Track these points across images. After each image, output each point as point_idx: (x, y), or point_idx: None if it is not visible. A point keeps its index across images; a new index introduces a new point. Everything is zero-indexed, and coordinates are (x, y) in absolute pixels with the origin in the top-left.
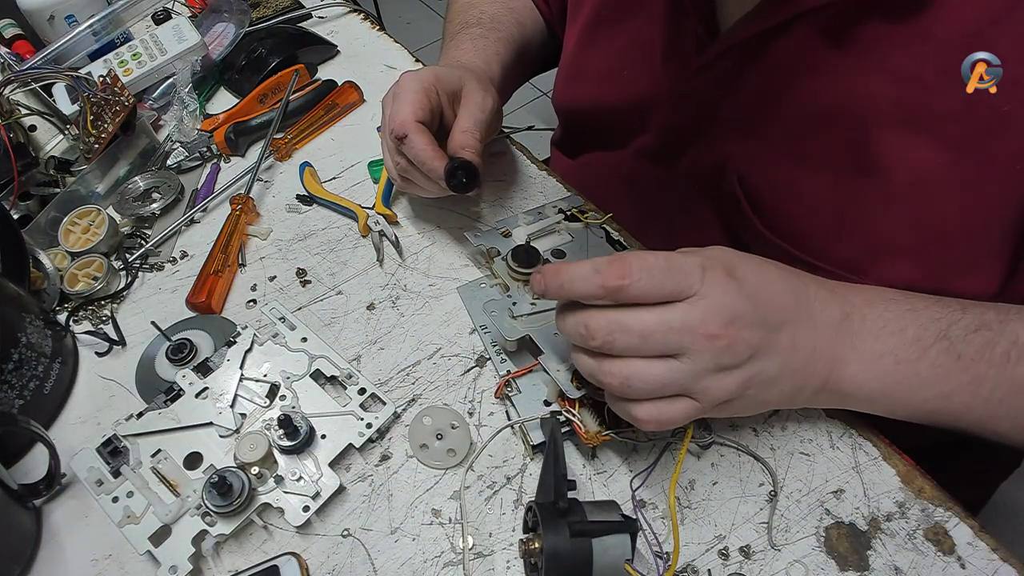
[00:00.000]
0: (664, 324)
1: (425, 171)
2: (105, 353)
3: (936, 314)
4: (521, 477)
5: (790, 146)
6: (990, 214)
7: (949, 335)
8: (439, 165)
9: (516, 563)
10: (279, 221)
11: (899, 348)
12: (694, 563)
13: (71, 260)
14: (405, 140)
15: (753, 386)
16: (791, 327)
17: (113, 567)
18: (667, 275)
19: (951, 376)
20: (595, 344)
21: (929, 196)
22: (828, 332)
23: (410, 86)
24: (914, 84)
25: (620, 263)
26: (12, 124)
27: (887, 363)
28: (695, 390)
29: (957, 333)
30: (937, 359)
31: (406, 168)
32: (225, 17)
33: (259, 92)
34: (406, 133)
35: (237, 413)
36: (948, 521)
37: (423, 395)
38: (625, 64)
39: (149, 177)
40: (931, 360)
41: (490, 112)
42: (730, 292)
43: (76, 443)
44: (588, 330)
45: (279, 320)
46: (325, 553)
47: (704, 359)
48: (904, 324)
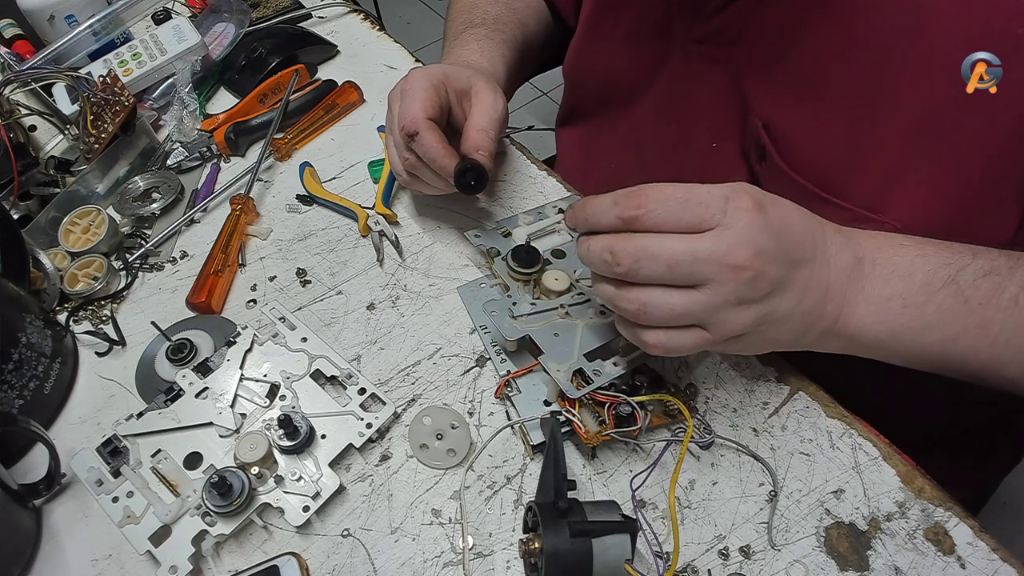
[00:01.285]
0: (690, 253)
1: (435, 168)
2: (105, 353)
3: (946, 259)
4: (521, 477)
5: (808, 81)
6: (1010, 155)
7: (958, 280)
8: (450, 163)
9: (516, 563)
10: (279, 221)
11: (907, 292)
12: (694, 563)
13: (71, 260)
14: (416, 137)
15: (766, 323)
16: (808, 267)
17: (113, 567)
18: (684, 206)
19: (958, 319)
20: (620, 270)
21: (946, 130)
22: (840, 275)
23: (420, 83)
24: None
25: (637, 194)
26: (12, 124)
27: (895, 306)
28: (711, 322)
29: (966, 278)
30: (944, 303)
31: (415, 164)
32: (225, 17)
33: (259, 92)
34: (417, 130)
35: (237, 413)
36: (948, 521)
37: (423, 395)
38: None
39: (149, 177)
40: (938, 303)
41: (501, 113)
42: (756, 224)
43: (76, 443)
44: (614, 255)
45: (279, 320)
46: (325, 553)
47: (726, 290)
48: (913, 269)
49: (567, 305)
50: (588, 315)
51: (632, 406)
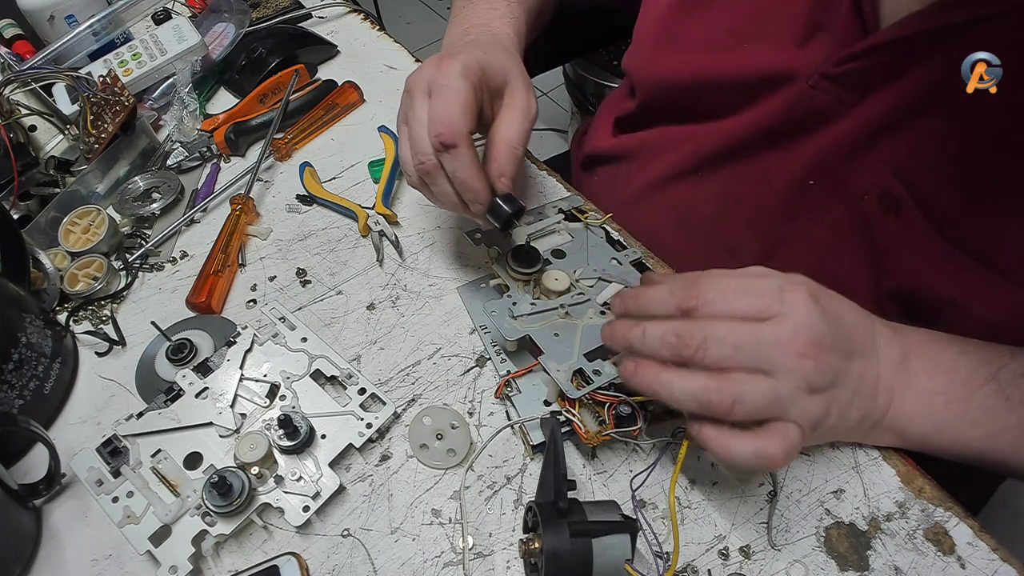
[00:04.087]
0: (754, 337)
1: (462, 191)
2: (105, 353)
3: (987, 357)
4: (521, 477)
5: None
6: None
7: (998, 378)
8: (482, 190)
9: (516, 563)
10: (279, 221)
11: (950, 388)
12: (694, 563)
13: (71, 260)
14: (452, 151)
15: (832, 414)
16: (861, 358)
17: (113, 567)
18: (740, 295)
19: (999, 417)
20: (689, 352)
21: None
22: (889, 368)
23: (458, 82)
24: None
25: (695, 284)
26: (12, 124)
27: (939, 402)
28: (793, 412)
29: (1006, 376)
30: (986, 400)
31: (431, 172)
32: (225, 17)
33: (259, 92)
34: (456, 143)
35: (237, 413)
36: (948, 521)
37: (423, 395)
38: (745, 34)
39: (149, 177)
40: (980, 401)
41: (533, 120)
42: (814, 313)
43: (76, 443)
44: (680, 338)
45: (279, 320)
46: (325, 553)
47: (796, 377)
48: (956, 365)
49: (567, 305)
50: (588, 315)
51: (632, 406)
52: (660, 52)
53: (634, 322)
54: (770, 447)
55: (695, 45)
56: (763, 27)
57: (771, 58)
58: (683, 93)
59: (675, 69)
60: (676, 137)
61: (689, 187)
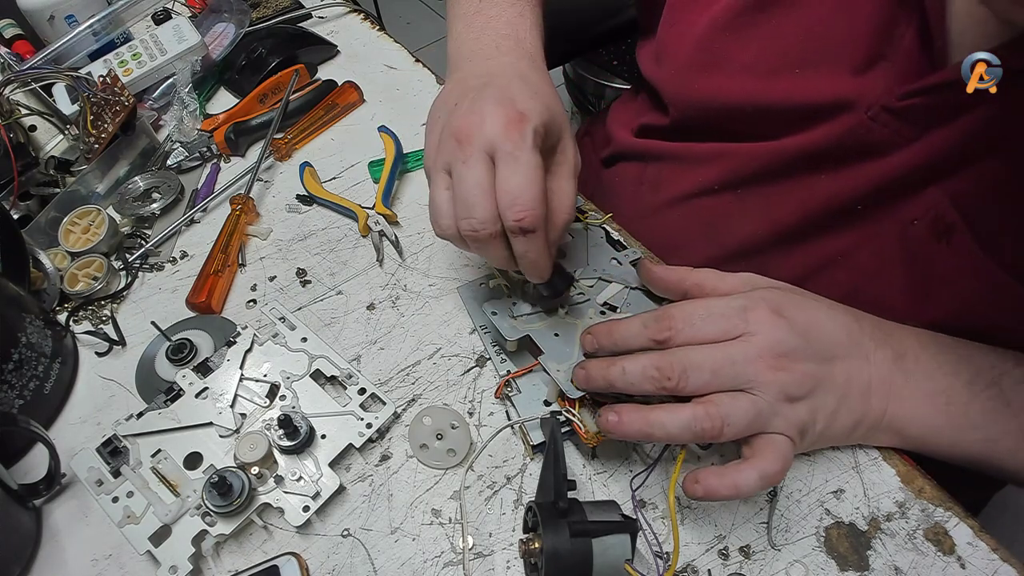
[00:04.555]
0: (727, 357)
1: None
2: (105, 353)
3: (991, 362)
4: (521, 477)
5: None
6: None
7: (1000, 383)
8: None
9: (516, 563)
10: (279, 221)
11: (951, 390)
12: (694, 563)
13: (71, 260)
14: (530, 235)
15: (819, 419)
16: (844, 362)
17: (113, 567)
18: (707, 320)
19: (1000, 421)
20: (671, 384)
21: None
22: (882, 369)
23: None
24: None
25: (665, 317)
26: (12, 124)
27: (939, 403)
28: (777, 423)
29: (1008, 383)
30: (987, 404)
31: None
32: (225, 17)
33: (259, 92)
34: (536, 229)
35: (237, 413)
36: (948, 521)
37: (423, 395)
38: (800, 59)
39: (149, 177)
40: (981, 404)
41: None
42: (779, 328)
43: (76, 443)
44: (660, 370)
45: (279, 320)
46: (325, 553)
47: (773, 390)
48: (958, 368)
49: (567, 305)
50: (588, 315)
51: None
52: (701, 74)
53: (609, 360)
54: (769, 465)
55: (742, 68)
56: (820, 53)
57: (829, 87)
58: (728, 116)
59: (720, 92)
60: (714, 152)
61: (724, 203)
